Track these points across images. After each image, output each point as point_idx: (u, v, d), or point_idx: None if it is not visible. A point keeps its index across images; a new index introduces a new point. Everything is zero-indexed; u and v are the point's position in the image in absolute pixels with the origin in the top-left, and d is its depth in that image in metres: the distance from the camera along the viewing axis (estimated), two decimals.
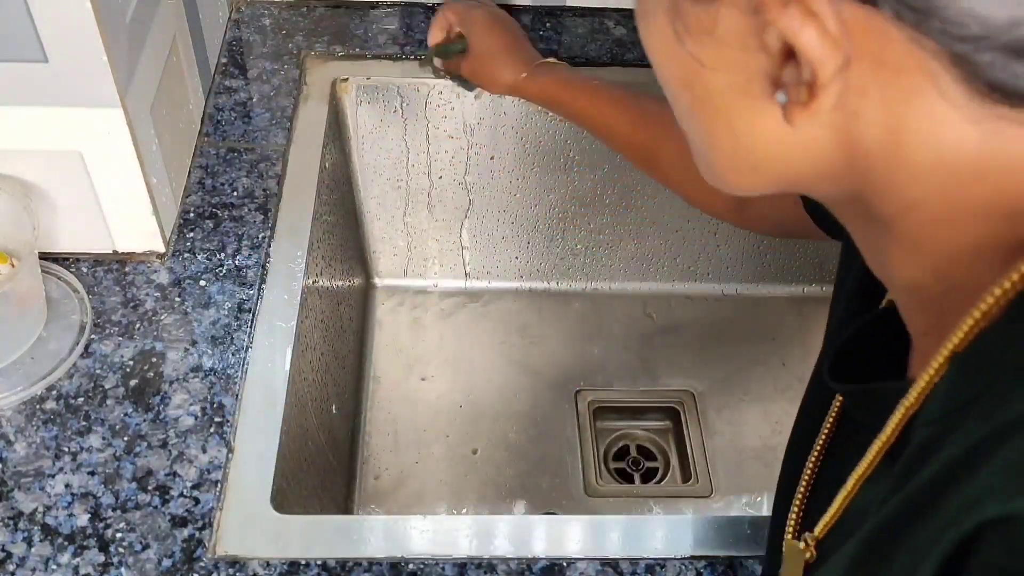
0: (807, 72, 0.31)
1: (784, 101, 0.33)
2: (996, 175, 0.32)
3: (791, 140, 0.34)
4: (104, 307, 0.77)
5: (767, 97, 0.33)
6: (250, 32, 1.03)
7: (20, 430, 0.70)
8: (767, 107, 0.34)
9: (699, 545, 0.66)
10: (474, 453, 1.08)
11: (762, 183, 0.38)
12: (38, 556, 0.63)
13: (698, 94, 0.36)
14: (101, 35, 0.65)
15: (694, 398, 1.13)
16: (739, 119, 0.35)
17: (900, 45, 0.30)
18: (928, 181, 0.33)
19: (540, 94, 0.85)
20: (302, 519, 0.68)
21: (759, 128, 0.35)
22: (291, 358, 0.75)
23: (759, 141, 0.35)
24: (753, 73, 0.33)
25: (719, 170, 0.39)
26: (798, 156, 0.35)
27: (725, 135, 0.36)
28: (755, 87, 0.34)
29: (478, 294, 1.21)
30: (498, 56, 0.86)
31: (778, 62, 0.32)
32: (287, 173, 0.89)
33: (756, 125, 0.35)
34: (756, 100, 0.34)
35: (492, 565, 0.65)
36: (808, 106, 0.32)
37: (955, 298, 0.35)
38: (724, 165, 0.38)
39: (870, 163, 0.34)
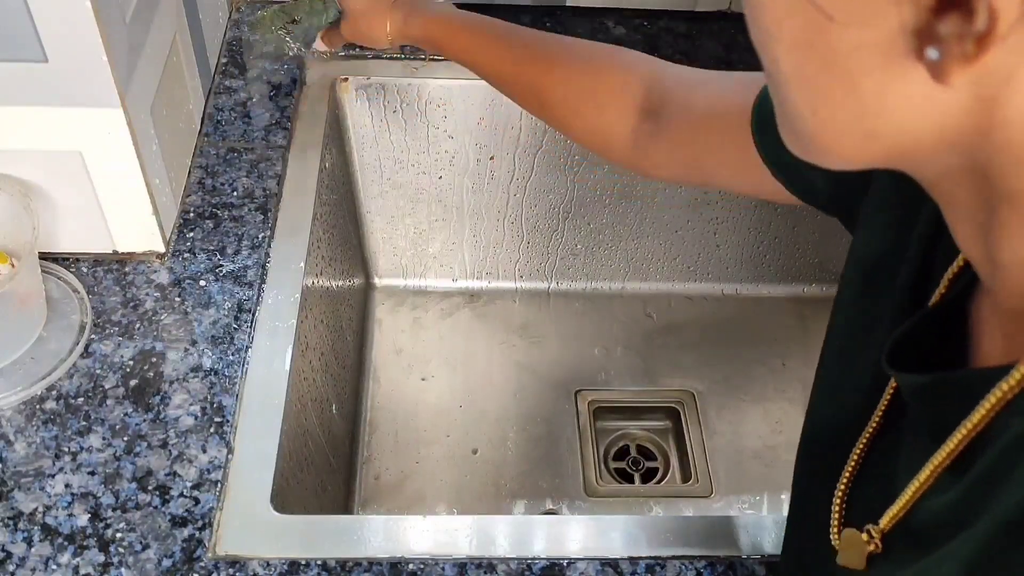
0: (982, 20, 0.27)
1: (937, 58, 0.29)
2: None
3: (928, 105, 0.31)
4: (104, 307, 0.77)
5: (905, 55, 0.30)
6: (250, 32, 1.03)
7: (20, 430, 0.70)
8: (907, 67, 0.30)
9: (699, 545, 0.66)
10: (474, 453, 1.08)
11: (873, 154, 0.34)
12: (38, 556, 0.63)
13: (819, 54, 0.32)
14: (101, 35, 0.65)
15: (694, 398, 1.13)
16: (868, 80, 0.31)
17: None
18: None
19: (424, 38, 0.81)
20: (302, 519, 0.68)
21: (892, 91, 0.31)
22: (291, 358, 0.75)
23: (889, 106, 0.32)
24: (897, 27, 0.29)
25: (824, 138, 0.35)
26: (930, 123, 0.32)
27: (847, 99, 0.32)
28: (896, 44, 0.30)
29: (478, 294, 1.21)
30: (373, 10, 0.83)
31: (932, 13, 0.28)
32: (287, 173, 0.89)
33: (889, 87, 0.31)
34: (894, 59, 0.30)
35: (492, 565, 0.65)
36: (972, 61, 0.28)
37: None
38: (834, 133, 0.34)
39: (1011, 131, 0.31)
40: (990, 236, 0.35)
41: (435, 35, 0.80)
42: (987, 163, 0.32)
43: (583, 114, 0.70)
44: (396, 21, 0.82)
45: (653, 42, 1.05)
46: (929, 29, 0.28)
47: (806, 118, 0.35)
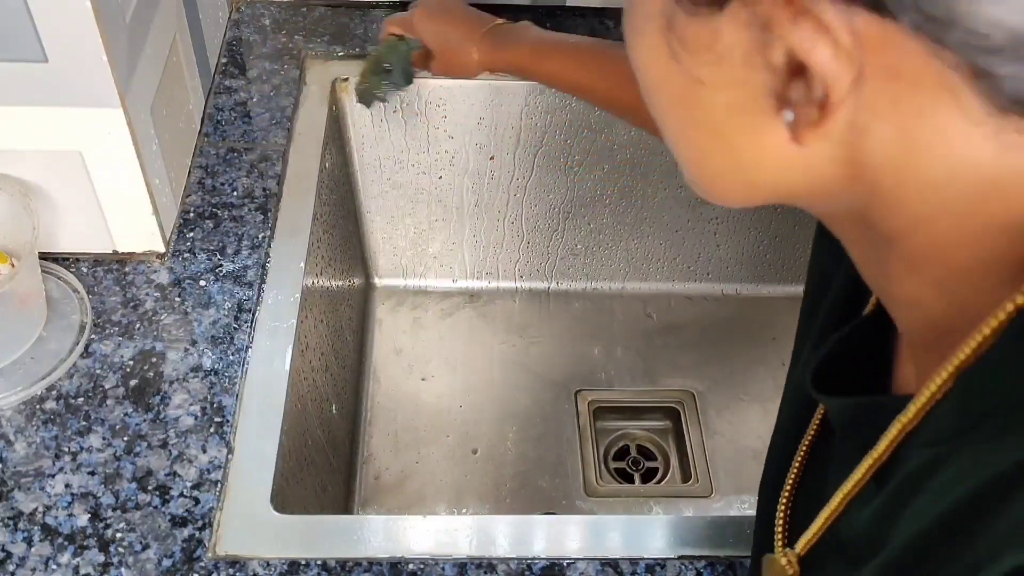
0: (819, 90, 0.29)
1: (791, 119, 0.31)
2: (1010, 191, 0.31)
3: (795, 158, 0.33)
4: (104, 307, 0.77)
5: (771, 114, 0.32)
6: (250, 32, 1.03)
7: (20, 430, 0.70)
8: (771, 124, 0.32)
9: (699, 545, 0.66)
10: (474, 453, 1.08)
11: (758, 196, 0.37)
12: (38, 556, 0.63)
13: (694, 113, 0.34)
14: (101, 35, 0.65)
15: (694, 398, 1.13)
16: (740, 137, 0.34)
17: (917, 58, 0.28)
18: (939, 198, 0.32)
19: (512, 66, 0.84)
20: (302, 519, 0.68)
21: (761, 146, 0.33)
22: (291, 358, 0.75)
23: (760, 159, 0.34)
24: (757, 90, 0.31)
25: (711, 184, 0.37)
26: (800, 173, 0.34)
27: (722, 152, 0.35)
28: (758, 105, 0.32)
29: (478, 294, 1.21)
30: (458, 42, 0.85)
31: (784, 79, 0.30)
32: (287, 173, 0.89)
33: (758, 143, 0.33)
34: (759, 117, 0.32)
35: (492, 565, 0.65)
36: (819, 125, 0.30)
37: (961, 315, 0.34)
38: (718, 180, 0.37)
39: (877, 179, 0.32)
40: (881, 274, 0.37)
41: (523, 63, 0.83)
42: (864, 208, 0.34)
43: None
44: (485, 52, 0.85)
45: None
46: (782, 92, 0.30)
47: (692, 167, 0.37)
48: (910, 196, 0.32)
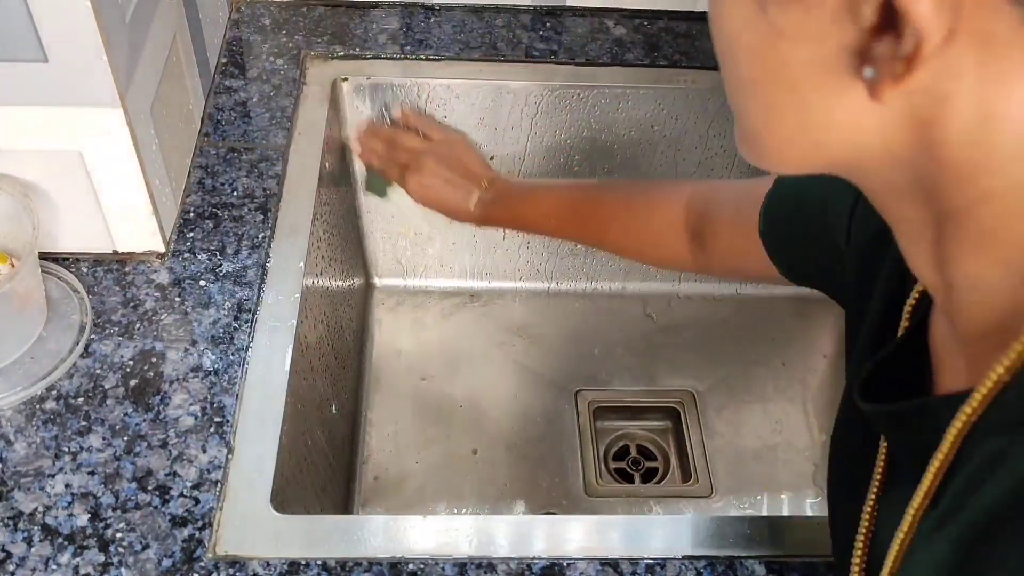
0: (910, 43, 0.29)
1: (872, 76, 0.31)
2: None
3: (867, 119, 0.33)
4: (104, 307, 0.77)
5: (850, 72, 0.32)
6: (250, 32, 1.03)
7: (20, 430, 0.70)
8: (848, 83, 0.32)
9: (699, 545, 0.66)
10: (474, 453, 1.08)
11: (819, 161, 0.36)
12: (38, 556, 0.63)
13: (771, 66, 0.34)
14: (101, 35, 0.65)
15: (694, 398, 1.13)
16: (815, 93, 0.33)
17: (1009, 26, 0.28)
18: (1013, 170, 0.31)
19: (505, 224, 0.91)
20: (302, 519, 0.68)
21: (836, 105, 0.33)
22: (291, 358, 0.75)
23: (833, 118, 0.33)
24: (839, 46, 0.31)
25: (774, 145, 0.37)
26: (871, 137, 0.33)
27: (794, 110, 0.34)
28: (839, 61, 0.32)
29: (478, 294, 1.21)
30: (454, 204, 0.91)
31: (869, 35, 0.30)
32: (287, 173, 0.89)
33: (833, 101, 0.33)
34: (837, 75, 0.32)
35: (492, 565, 0.65)
36: (901, 80, 0.30)
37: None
38: (782, 140, 0.36)
39: (950, 150, 0.32)
40: (940, 257, 0.36)
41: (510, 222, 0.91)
42: (930, 180, 0.34)
43: (648, 254, 0.83)
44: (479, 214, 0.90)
45: (653, 42, 1.05)
46: (866, 49, 0.30)
47: (758, 123, 0.37)
48: (983, 168, 0.32)
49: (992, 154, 0.31)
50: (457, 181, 0.91)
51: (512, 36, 1.05)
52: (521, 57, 1.03)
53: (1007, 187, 0.32)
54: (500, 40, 1.05)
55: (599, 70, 1.03)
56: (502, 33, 1.05)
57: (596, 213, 0.84)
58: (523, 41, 1.05)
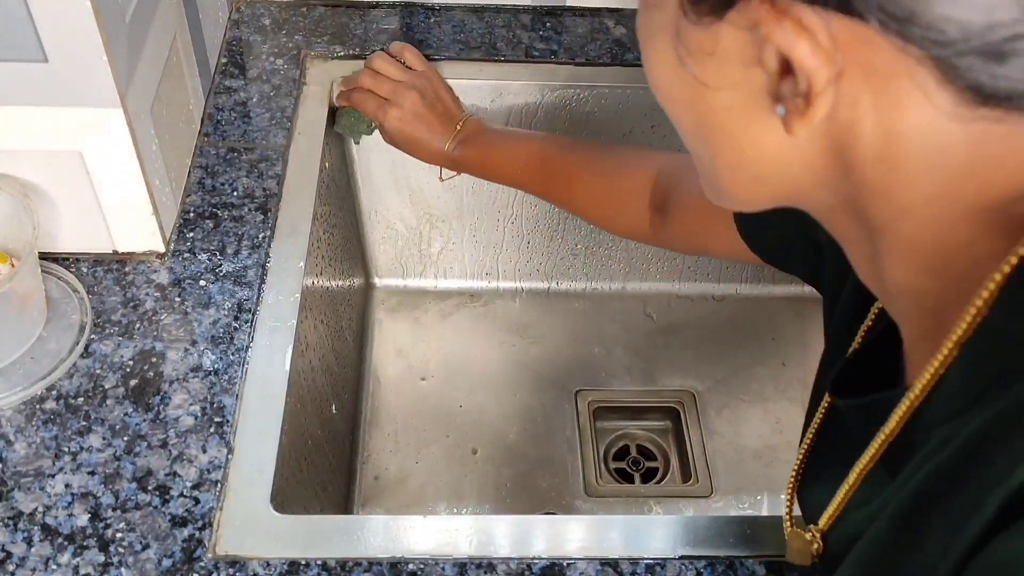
0: (803, 83, 0.33)
1: (783, 113, 0.34)
2: (985, 172, 0.34)
3: (791, 151, 0.36)
4: (104, 307, 0.77)
5: (768, 111, 0.35)
6: (250, 32, 1.03)
7: (20, 430, 0.70)
8: (768, 121, 0.35)
9: (699, 545, 0.66)
10: (474, 453, 1.08)
11: (764, 195, 0.40)
12: (38, 556, 0.63)
13: (702, 113, 0.38)
14: (101, 35, 0.65)
15: (694, 398, 1.13)
16: (742, 134, 0.37)
17: (887, 54, 0.31)
18: (921, 184, 0.34)
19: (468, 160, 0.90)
20: (302, 519, 0.68)
21: (761, 141, 0.37)
22: (291, 358, 0.75)
23: (762, 153, 0.37)
24: (754, 89, 0.35)
25: (724, 185, 0.41)
26: (798, 166, 0.37)
27: (729, 150, 0.38)
28: (756, 103, 0.35)
29: (478, 294, 1.21)
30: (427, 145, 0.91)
31: (776, 77, 0.34)
32: (287, 173, 0.89)
33: (758, 138, 0.37)
34: (757, 115, 0.36)
35: (492, 565, 0.65)
36: (805, 115, 0.34)
37: (953, 296, 0.36)
38: (729, 180, 0.40)
39: (865, 170, 0.35)
40: (877, 268, 0.40)
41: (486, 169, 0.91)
42: (855, 201, 0.37)
43: (609, 216, 0.84)
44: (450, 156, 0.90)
45: None
46: (775, 91, 0.34)
47: (707, 167, 0.41)
48: (895, 184, 0.35)
49: (900, 171, 0.34)
50: (434, 120, 0.90)
51: (512, 36, 1.05)
52: (521, 57, 1.03)
53: (919, 201, 0.35)
54: (500, 40, 1.05)
55: (599, 70, 1.03)
56: (502, 33, 1.05)
57: (563, 169, 0.85)
58: (523, 41, 1.05)
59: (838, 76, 0.32)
